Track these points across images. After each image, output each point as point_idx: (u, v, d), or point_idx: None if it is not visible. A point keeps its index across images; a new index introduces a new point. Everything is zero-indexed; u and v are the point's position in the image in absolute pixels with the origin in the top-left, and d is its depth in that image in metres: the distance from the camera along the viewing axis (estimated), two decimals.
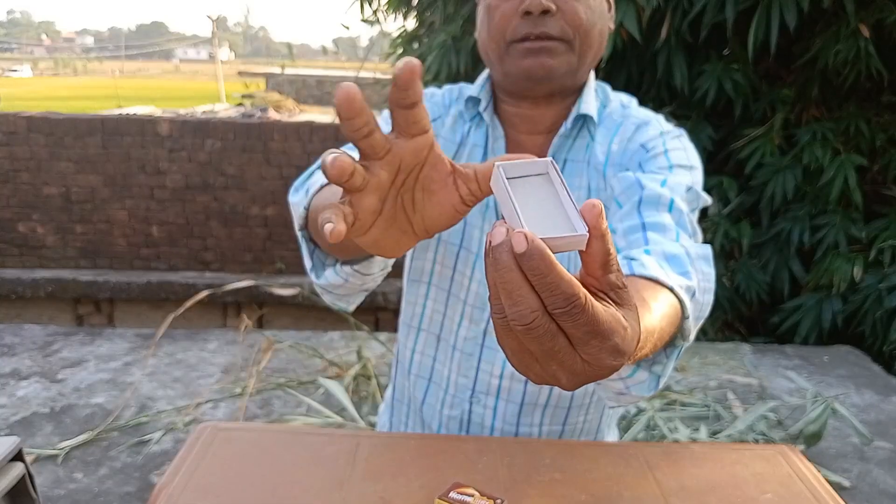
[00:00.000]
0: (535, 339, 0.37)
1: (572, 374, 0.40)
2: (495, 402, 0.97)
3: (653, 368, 0.67)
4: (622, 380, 0.68)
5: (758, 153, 3.26)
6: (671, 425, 2.11)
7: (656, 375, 0.68)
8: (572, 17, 0.83)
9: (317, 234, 0.70)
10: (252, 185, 4.84)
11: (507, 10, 0.84)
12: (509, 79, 0.88)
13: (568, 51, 0.84)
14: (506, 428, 0.98)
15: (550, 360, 0.39)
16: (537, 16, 0.82)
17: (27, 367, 2.61)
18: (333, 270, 0.76)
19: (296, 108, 15.41)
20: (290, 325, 4.75)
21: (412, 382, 1.04)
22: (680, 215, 0.79)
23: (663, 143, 0.88)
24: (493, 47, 0.87)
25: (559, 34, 0.83)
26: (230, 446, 0.85)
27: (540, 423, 0.98)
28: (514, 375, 0.95)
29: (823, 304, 3.21)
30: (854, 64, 2.97)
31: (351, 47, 10.42)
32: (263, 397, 2.41)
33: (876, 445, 2.18)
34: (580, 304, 0.36)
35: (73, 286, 4.76)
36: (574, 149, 0.92)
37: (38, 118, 4.70)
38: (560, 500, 0.76)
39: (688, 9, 3.00)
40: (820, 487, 0.81)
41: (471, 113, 0.96)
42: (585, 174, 0.91)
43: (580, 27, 0.84)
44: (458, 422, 0.99)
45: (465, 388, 0.98)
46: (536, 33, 0.83)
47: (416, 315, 1.01)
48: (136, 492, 1.86)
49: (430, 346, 1.00)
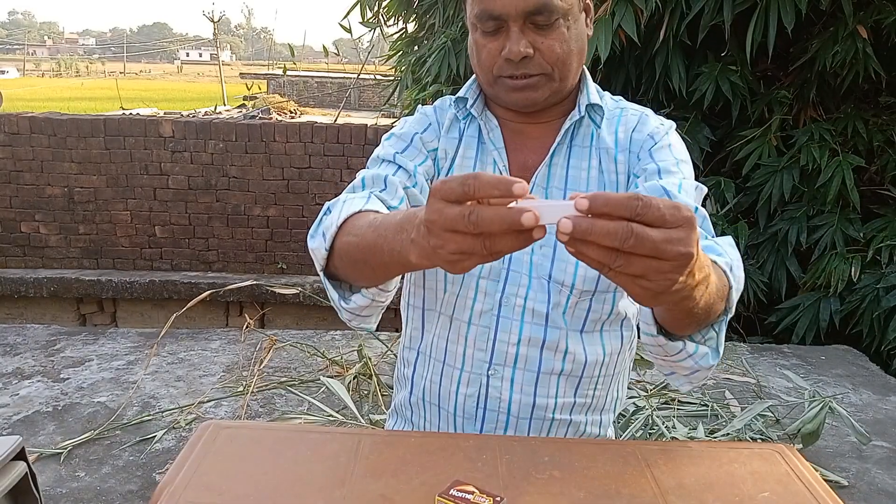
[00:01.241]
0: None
1: (658, 272, 0.55)
2: (512, 373, 0.99)
3: (707, 343, 0.80)
4: (690, 357, 0.80)
5: (755, 154, 3.27)
6: (669, 424, 2.12)
7: (714, 347, 0.80)
8: (549, 55, 0.92)
9: (343, 268, 0.82)
10: (254, 186, 4.85)
11: (492, 49, 0.93)
12: (499, 102, 0.99)
13: (549, 81, 0.94)
14: (523, 399, 0.99)
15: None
16: (517, 62, 0.91)
17: (30, 366, 2.62)
18: (361, 294, 0.85)
19: (297, 110, 15.41)
20: (291, 325, 4.76)
21: (428, 368, 1.05)
22: (703, 220, 0.89)
23: (667, 136, 0.98)
24: (483, 77, 0.97)
25: (539, 71, 0.92)
26: (232, 444, 0.85)
27: (556, 395, 1.00)
28: (531, 341, 0.98)
29: (821, 304, 3.22)
30: (852, 65, 2.97)
31: (352, 49, 10.38)
32: (265, 396, 2.42)
33: (873, 444, 2.19)
34: (644, 199, 0.53)
35: (76, 286, 4.78)
36: (579, 135, 1.00)
37: (41, 119, 4.72)
38: (558, 497, 0.77)
39: (686, 11, 3.01)
40: (817, 486, 0.81)
41: (462, 113, 1.03)
42: (592, 157, 0.99)
43: (558, 61, 0.92)
44: (474, 399, 1.01)
45: (481, 361, 1.00)
46: (518, 74, 0.92)
47: (435, 300, 1.03)
48: (138, 490, 1.87)
49: (443, 327, 1.03)
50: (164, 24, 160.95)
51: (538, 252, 0.97)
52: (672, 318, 0.76)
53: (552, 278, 0.96)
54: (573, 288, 0.96)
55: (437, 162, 1.02)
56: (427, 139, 1.02)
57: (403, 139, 1.01)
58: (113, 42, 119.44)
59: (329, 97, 19.12)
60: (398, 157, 0.98)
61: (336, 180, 4.83)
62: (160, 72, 68.96)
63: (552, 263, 0.96)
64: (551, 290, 0.97)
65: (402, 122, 1.06)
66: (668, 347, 0.79)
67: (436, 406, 1.05)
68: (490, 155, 1.00)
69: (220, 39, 36.91)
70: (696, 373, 0.83)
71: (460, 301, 1.00)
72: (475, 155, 1.01)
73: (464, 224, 0.55)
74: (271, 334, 2.88)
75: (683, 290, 0.61)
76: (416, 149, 1.00)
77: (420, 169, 0.98)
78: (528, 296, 0.97)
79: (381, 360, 2.69)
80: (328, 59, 8.71)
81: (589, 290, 0.96)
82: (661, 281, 0.57)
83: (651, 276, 0.56)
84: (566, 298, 0.97)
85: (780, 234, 3.30)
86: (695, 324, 0.76)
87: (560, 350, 0.98)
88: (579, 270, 0.95)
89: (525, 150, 1.00)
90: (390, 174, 0.94)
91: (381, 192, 0.91)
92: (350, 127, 4.87)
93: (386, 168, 0.97)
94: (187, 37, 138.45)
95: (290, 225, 4.92)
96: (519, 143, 1.01)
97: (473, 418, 1.02)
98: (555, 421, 1.01)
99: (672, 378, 0.88)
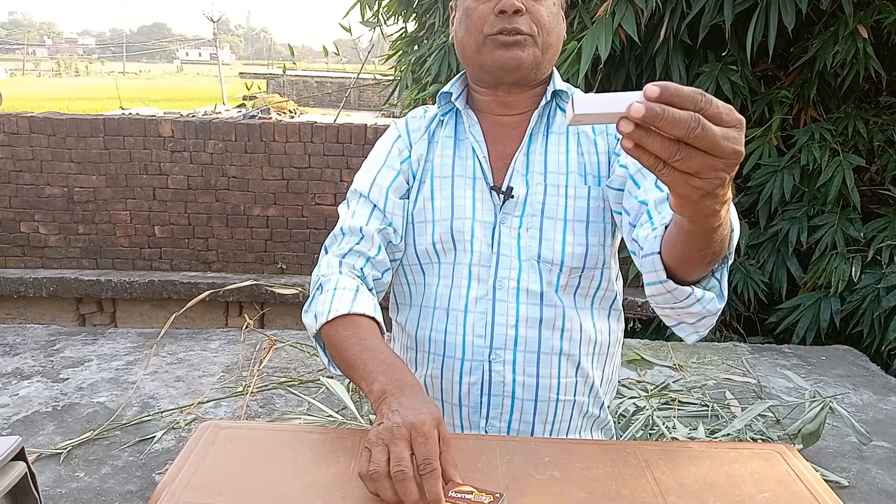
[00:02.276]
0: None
1: (712, 169, 0.59)
2: (514, 355, 1.01)
3: (712, 289, 0.84)
4: (699, 301, 0.83)
5: (756, 154, 3.27)
6: (669, 424, 2.12)
7: (719, 291, 0.84)
8: (537, 17, 0.99)
9: (333, 352, 0.95)
10: (254, 186, 4.85)
11: (483, 10, 0.99)
12: (484, 69, 1.02)
13: (533, 45, 1.00)
14: (527, 381, 1.01)
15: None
16: (510, 14, 0.97)
17: (30, 366, 2.62)
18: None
19: (297, 110, 15.42)
20: (291, 325, 4.76)
21: (428, 364, 1.06)
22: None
23: None
24: (471, 42, 1.02)
25: (527, 30, 0.99)
26: (232, 445, 0.85)
27: (558, 375, 1.02)
28: (528, 321, 1.01)
29: (821, 304, 3.22)
30: (852, 65, 2.97)
31: (352, 49, 10.37)
32: (265, 396, 2.42)
33: (874, 445, 2.19)
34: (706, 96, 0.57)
35: (76, 286, 4.77)
36: (555, 123, 1.06)
37: (41, 119, 4.71)
38: (558, 498, 0.77)
39: (686, 10, 3.01)
40: (818, 486, 0.80)
41: (444, 109, 1.09)
42: (571, 142, 1.05)
43: (543, 26, 1.00)
44: (478, 387, 1.03)
45: (482, 347, 1.02)
46: (509, 28, 0.98)
47: (431, 295, 1.05)
48: (138, 490, 1.87)
49: (440, 321, 1.04)
50: (163, 25, 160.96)
51: (525, 235, 1.01)
52: (690, 248, 0.77)
53: (541, 258, 1.01)
54: (562, 265, 1.00)
55: (412, 167, 1.08)
56: (399, 148, 1.09)
57: (375, 163, 1.09)
58: (112, 42, 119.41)
59: (329, 97, 19.13)
60: (372, 193, 1.05)
61: (336, 180, 4.83)
62: (160, 72, 68.97)
63: (540, 244, 1.01)
64: (542, 270, 1.01)
65: (376, 146, 1.13)
66: (676, 293, 0.83)
67: (439, 401, 1.06)
68: (469, 148, 1.06)
69: (219, 39, 36.92)
70: (703, 319, 0.87)
71: (455, 291, 1.03)
72: (453, 153, 1.07)
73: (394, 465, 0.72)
74: (271, 334, 2.88)
75: (717, 201, 0.65)
76: (389, 167, 1.07)
77: (392, 188, 1.05)
78: (521, 277, 1.01)
79: None
80: (328, 59, 8.70)
81: (578, 267, 1.01)
82: (712, 179, 0.60)
83: (704, 173, 0.59)
84: (556, 277, 1.01)
85: (780, 234, 3.30)
86: (709, 255, 0.78)
87: (557, 328, 1.01)
88: (567, 248, 1.00)
89: (503, 140, 1.06)
90: (364, 224, 1.03)
91: (358, 244, 1.02)
92: (350, 127, 4.87)
93: (361, 209, 1.05)
94: (187, 37, 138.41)
95: (289, 225, 4.91)
96: (497, 133, 1.06)
97: (479, 406, 1.03)
98: (560, 401, 1.03)
99: (679, 329, 0.91)
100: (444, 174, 1.06)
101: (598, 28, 2.98)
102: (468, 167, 1.05)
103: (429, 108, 1.14)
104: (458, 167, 1.05)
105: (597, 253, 1.02)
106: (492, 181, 1.04)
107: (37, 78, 51.11)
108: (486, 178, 1.04)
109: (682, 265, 0.81)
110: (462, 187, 1.04)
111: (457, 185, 1.04)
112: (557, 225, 1.01)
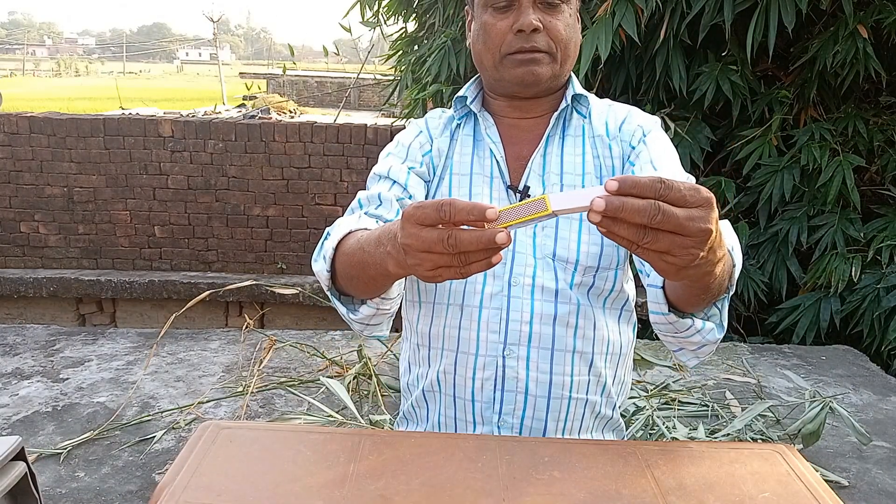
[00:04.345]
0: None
1: (681, 248, 0.62)
2: (528, 352, 1.02)
3: (712, 319, 0.89)
4: (699, 332, 0.88)
5: (756, 154, 3.27)
6: (669, 424, 2.12)
7: (718, 322, 0.89)
8: (555, 34, 1.00)
9: (344, 284, 0.90)
10: (254, 186, 4.85)
11: (501, 27, 1.00)
12: (502, 83, 1.05)
13: (552, 61, 1.02)
14: (540, 377, 1.02)
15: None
16: (528, 33, 0.99)
17: (29, 366, 2.62)
18: (366, 305, 0.92)
19: (297, 110, 15.43)
20: (291, 325, 4.76)
21: (441, 360, 1.06)
22: None
23: (655, 128, 1.07)
24: (489, 58, 1.03)
25: (545, 48, 1.00)
26: (232, 445, 0.85)
27: (571, 372, 1.03)
28: (543, 318, 1.01)
29: (821, 304, 3.22)
30: (852, 65, 2.97)
31: (352, 49, 10.36)
32: (265, 396, 2.42)
33: (874, 445, 2.19)
34: (665, 181, 0.60)
35: (76, 286, 4.78)
36: (571, 126, 1.07)
37: (41, 118, 4.71)
38: (559, 497, 0.77)
39: (686, 10, 3.01)
40: (818, 486, 0.81)
41: (460, 113, 1.10)
42: (587, 146, 1.06)
43: (561, 41, 1.01)
44: (491, 383, 1.03)
45: (496, 343, 1.02)
46: (528, 47, 1.00)
47: (445, 292, 1.05)
48: (138, 490, 1.87)
49: (453, 317, 1.04)
50: (163, 25, 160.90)
51: (541, 234, 1.02)
52: (688, 294, 0.82)
53: (556, 256, 1.01)
54: (577, 263, 1.01)
55: (433, 160, 1.09)
56: (421, 142, 1.10)
57: (397, 153, 1.10)
58: (112, 42, 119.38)
59: (329, 97, 19.14)
60: (392, 171, 1.05)
61: (336, 180, 4.83)
62: (160, 72, 68.96)
63: (555, 242, 1.02)
64: (557, 268, 1.01)
65: (396, 139, 1.13)
66: (678, 325, 0.87)
67: (451, 396, 1.06)
68: (487, 149, 1.06)
69: (219, 39, 36.93)
70: (703, 347, 0.92)
71: (469, 287, 1.03)
72: (472, 151, 1.08)
73: (442, 246, 0.64)
74: (271, 334, 2.87)
75: (705, 266, 0.67)
76: (411, 157, 1.08)
77: (413, 173, 1.06)
78: (536, 274, 1.01)
79: (380, 360, 2.69)
80: (328, 59, 8.70)
81: (592, 266, 1.01)
82: (684, 255, 0.63)
83: (675, 252, 0.63)
84: (571, 275, 1.02)
85: (780, 234, 3.30)
86: (708, 299, 0.82)
87: (571, 325, 1.02)
88: (582, 247, 1.01)
89: (520, 143, 1.07)
90: (384, 191, 1.02)
91: (376, 209, 1.00)
92: (350, 127, 4.86)
93: (381, 185, 1.05)
94: (187, 37, 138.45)
95: (289, 225, 4.92)
96: (514, 136, 1.08)
97: (492, 402, 1.03)
98: (572, 400, 1.03)
99: (680, 354, 0.96)
100: (463, 171, 1.07)
101: (598, 28, 2.98)
102: (486, 166, 1.06)
103: (445, 110, 1.15)
104: (477, 165, 1.07)
105: (611, 253, 1.02)
106: (509, 180, 1.05)
107: (37, 78, 51.11)
108: (504, 178, 1.05)
109: (683, 303, 0.86)
110: (480, 185, 1.06)
111: (475, 183, 1.06)
112: (573, 224, 1.02)
